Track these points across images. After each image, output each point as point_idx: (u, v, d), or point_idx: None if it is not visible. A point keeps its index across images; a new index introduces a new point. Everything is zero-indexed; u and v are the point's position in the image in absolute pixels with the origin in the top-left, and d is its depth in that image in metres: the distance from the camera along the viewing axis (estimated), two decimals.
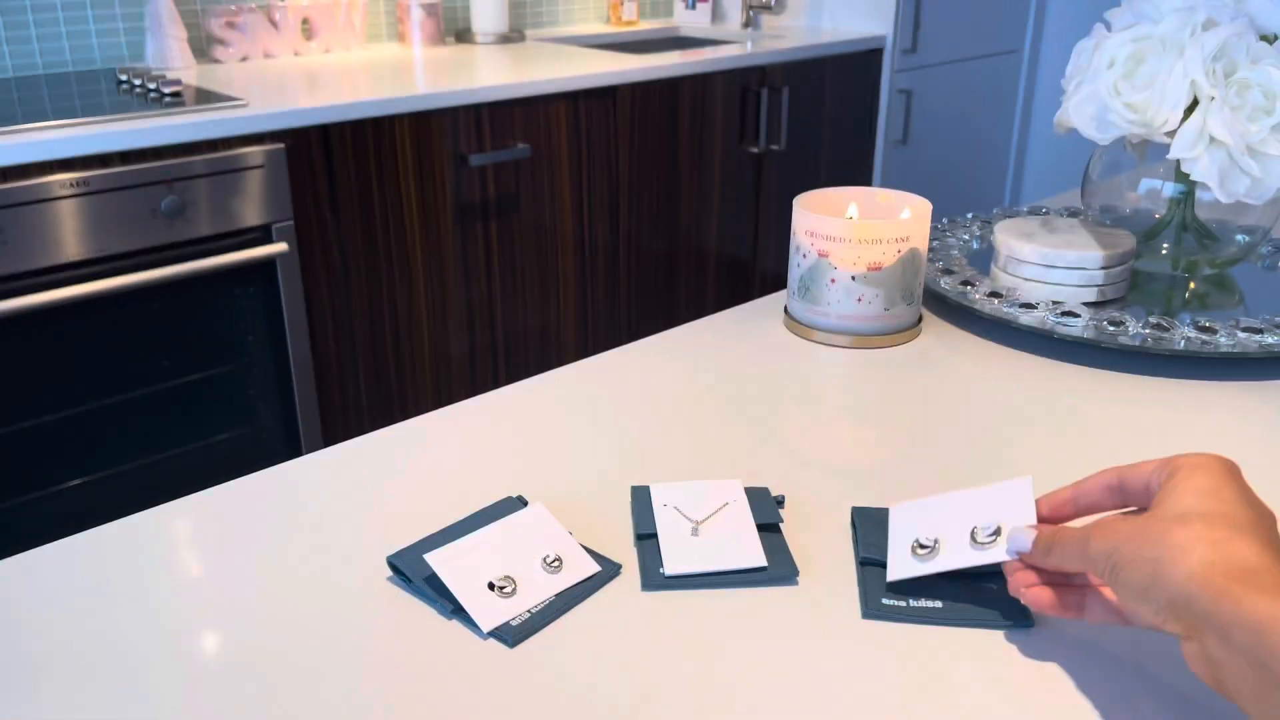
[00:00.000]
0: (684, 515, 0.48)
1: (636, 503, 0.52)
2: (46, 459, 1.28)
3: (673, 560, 0.46)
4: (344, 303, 1.48)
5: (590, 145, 1.70)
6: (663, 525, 0.48)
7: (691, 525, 0.48)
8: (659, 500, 0.50)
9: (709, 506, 0.49)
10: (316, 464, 0.57)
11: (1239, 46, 0.68)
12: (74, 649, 0.43)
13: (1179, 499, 0.36)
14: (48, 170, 1.19)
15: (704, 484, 0.51)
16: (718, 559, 0.46)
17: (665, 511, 0.49)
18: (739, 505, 0.49)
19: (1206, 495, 0.36)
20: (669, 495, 0.50)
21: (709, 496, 0.50)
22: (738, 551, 0.46)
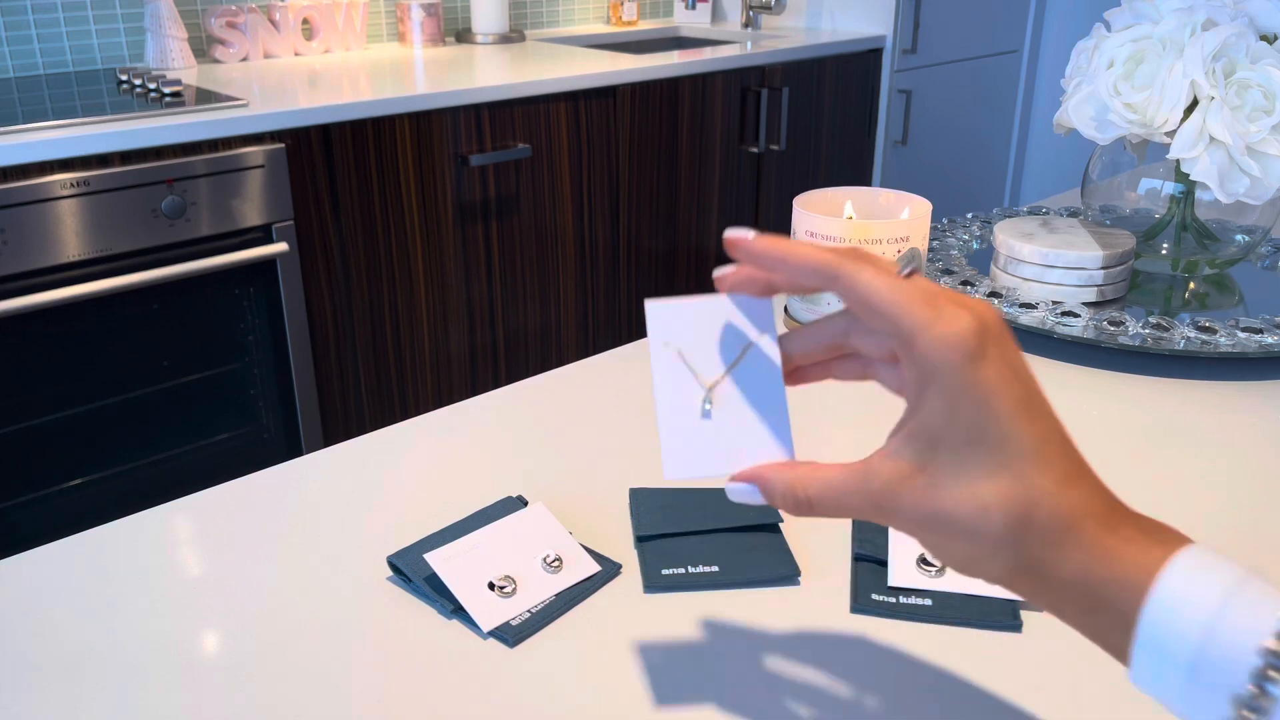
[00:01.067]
0: (692, 370, 0.35)
1: (635, 504, 0.52)
2: (46, 459, 1.28)
3: (675, 460, 0.34)
4: (344, 302, 1.48)
5: (590, 145, 1.70)
6: (664, 389, 0.34)
7: (702, 391, 0.35)
8: (659, 335, 0.35)
9: (729, 350, 0.35)
10: (317, 464, 0.57)
11: (1239, 46, 0.68)
12: (74, 649, 0.43)
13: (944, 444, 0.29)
14: (48, 170, 1.19)
15: (720, 303, 0.34)
16: (733, 455, 0.34)
17: (667, 360, 0.34)
18: (767, 347, 0.35)
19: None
20: (673, 326, 0.35)
21: (728, 330, 0.35)
22: (760, 440, 0.34)
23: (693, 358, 0.34)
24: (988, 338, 0.28)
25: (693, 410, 0.34)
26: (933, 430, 0.29)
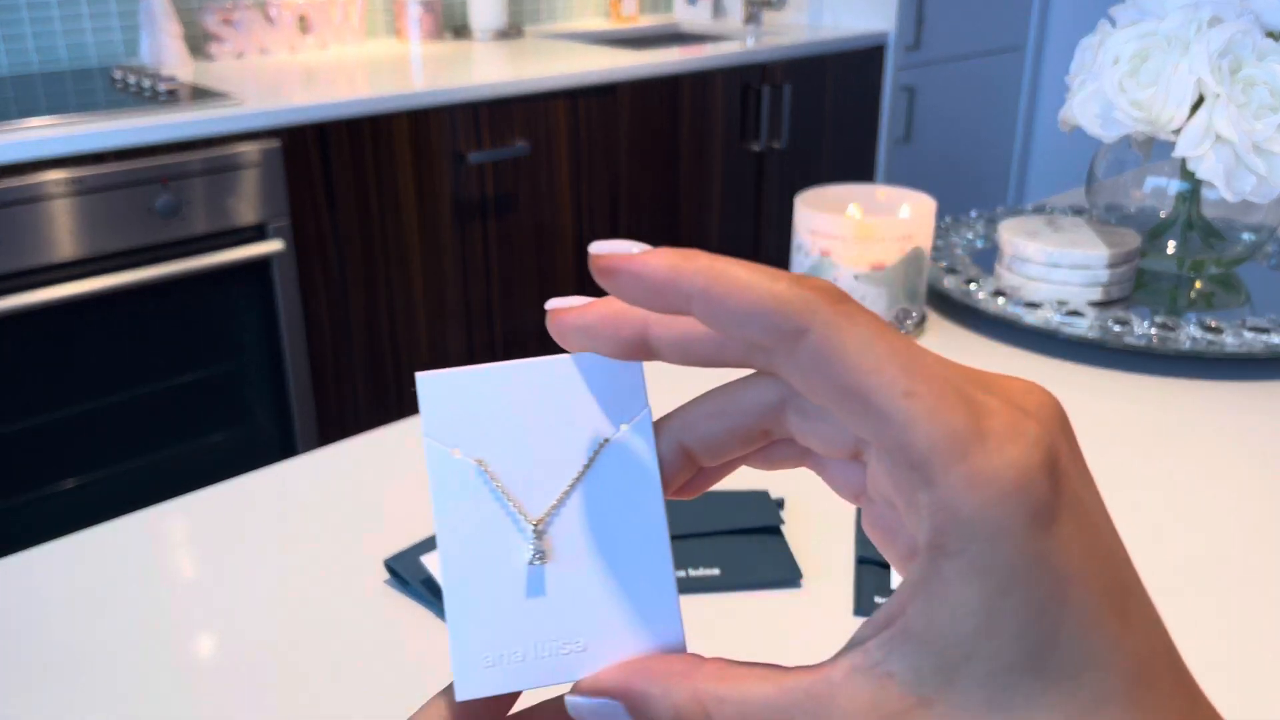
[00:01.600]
0: (505, 495, 0.20)
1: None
2: (39, 460, 1.27)
3: (475, 664, 0.20)
4: (341, 301, 1.47)
5: (590, 143, 1.69)
6: (453, 535, 0.20)
7: (524, 536, 0.20)
8: (442, 435, 0.20)
9: (566, 453, 0.20)
10: (313, 464, 0.57)
11: (1245, 43, 0.67)
12: (68, 649, 0.42)
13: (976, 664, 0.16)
14: (42, 168, 1.18)
15: (549, 370, 0.21)
16: (580, 646, 0.20)
17: (459, 480, 0.20)
18: (635, 443, 0.20)
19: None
20: (466, 416, 0.20)
21: (565, 417, 0.20)
22: (628, 617, 0.20)
23: (505, 472, 0.20)
24: (1060, 474, 0.16)
25: (506, 571, 0.20)
26: (952, 638, 0.16)
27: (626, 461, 0.20)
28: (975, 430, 0.16)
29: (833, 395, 0.16)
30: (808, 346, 0.16)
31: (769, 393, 0.19)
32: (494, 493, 0.20)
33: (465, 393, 0.20)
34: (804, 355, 0.16)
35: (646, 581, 0.20)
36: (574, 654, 0.20)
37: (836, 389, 0.16)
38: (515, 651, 0.20)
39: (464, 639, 0.19)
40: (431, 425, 0.20)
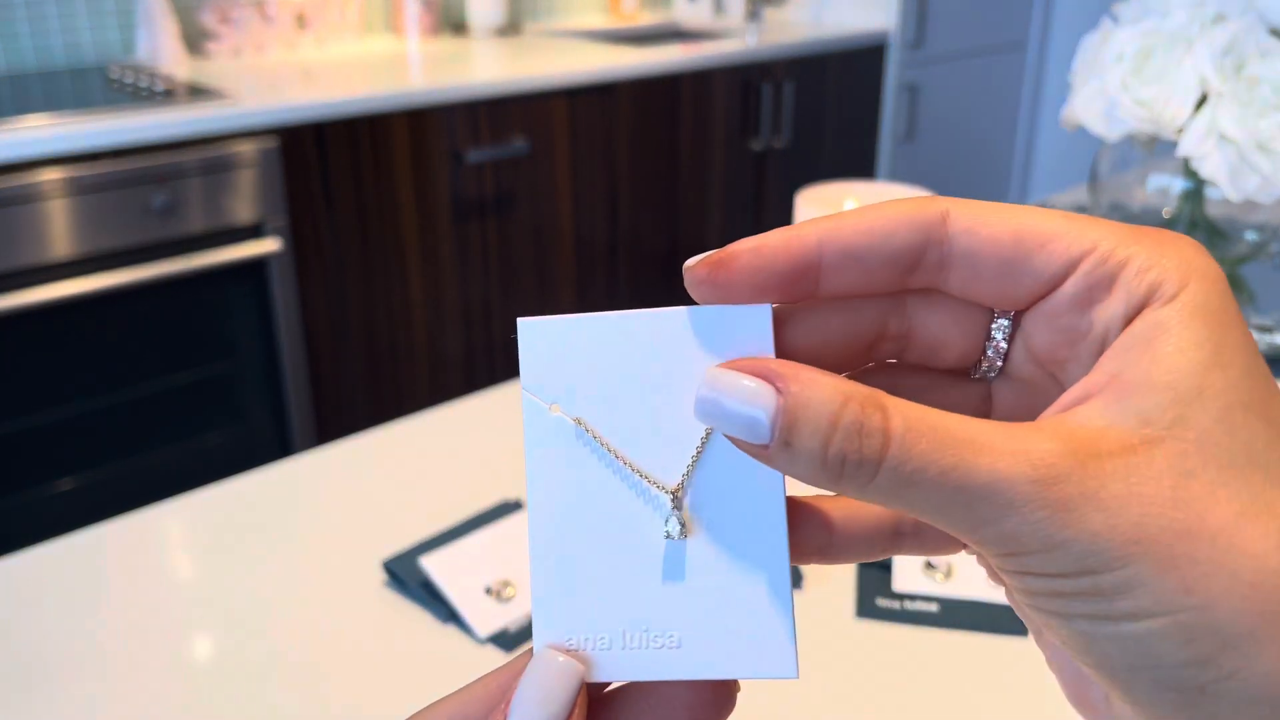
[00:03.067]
0: (621, 460, 0.18)
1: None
2: (35, 460, 1.26)
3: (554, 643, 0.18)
4: (338, 301, 1.46)
5: (590, 141, 1.68)
6: (557, 499, 0.18)
7: (656, 506, 0.18)
8: (542, 386, 0.19)
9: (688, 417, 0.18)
10: (310, 464, 0.56)
11: (1249, 41, 0.66)
12: (66, 649, 0.42)
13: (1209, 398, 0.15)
14: (38, 167, 1.17)
15: (664, 323, 0.18)
16: (697, 640, 0.18)
17: (561, 440, 0.18)
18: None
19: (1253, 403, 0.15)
20: (570, 367, 0.18)
21: (685, 374, 0.18)
22: (752, 606, 0.18)
23: (611, 434, 0.18)
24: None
25: (606, 543, 0.18)
26: (1183, 372, 0.15)
27: None
28: (1166, 236, 0.16)
29: (1005, 246, 0.16)
30: (956, 222, 0.16)
31: (880, 305, 0.18)
32: (603, 455, 0.17)
33: (570, 343, 0.18)
34: (959, 228, 0.16)
35: (763, 590, 0.17)
36: (666, 650, 0.17)
37: (1011, 237, 0.16)
38: (603, 637, 0.17)
39: (548, 617, 0.17)
40: (531, 377, 0.18)
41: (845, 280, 0.17)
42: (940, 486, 0.15)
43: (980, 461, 0.14)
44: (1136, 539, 0.14)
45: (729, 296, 0.17)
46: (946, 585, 0.45)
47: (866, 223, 0.17)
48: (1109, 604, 0.14)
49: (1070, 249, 0.16)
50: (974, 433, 0.15)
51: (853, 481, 0.15)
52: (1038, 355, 0.18)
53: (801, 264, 0.17)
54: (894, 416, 0.15)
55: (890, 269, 0.17)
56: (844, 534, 0.19)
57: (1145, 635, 0.14)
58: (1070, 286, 0.16)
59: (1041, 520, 0.14)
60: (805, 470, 0.15)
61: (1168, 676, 0.14)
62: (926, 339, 0.18)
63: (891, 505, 0.15)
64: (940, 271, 0.17)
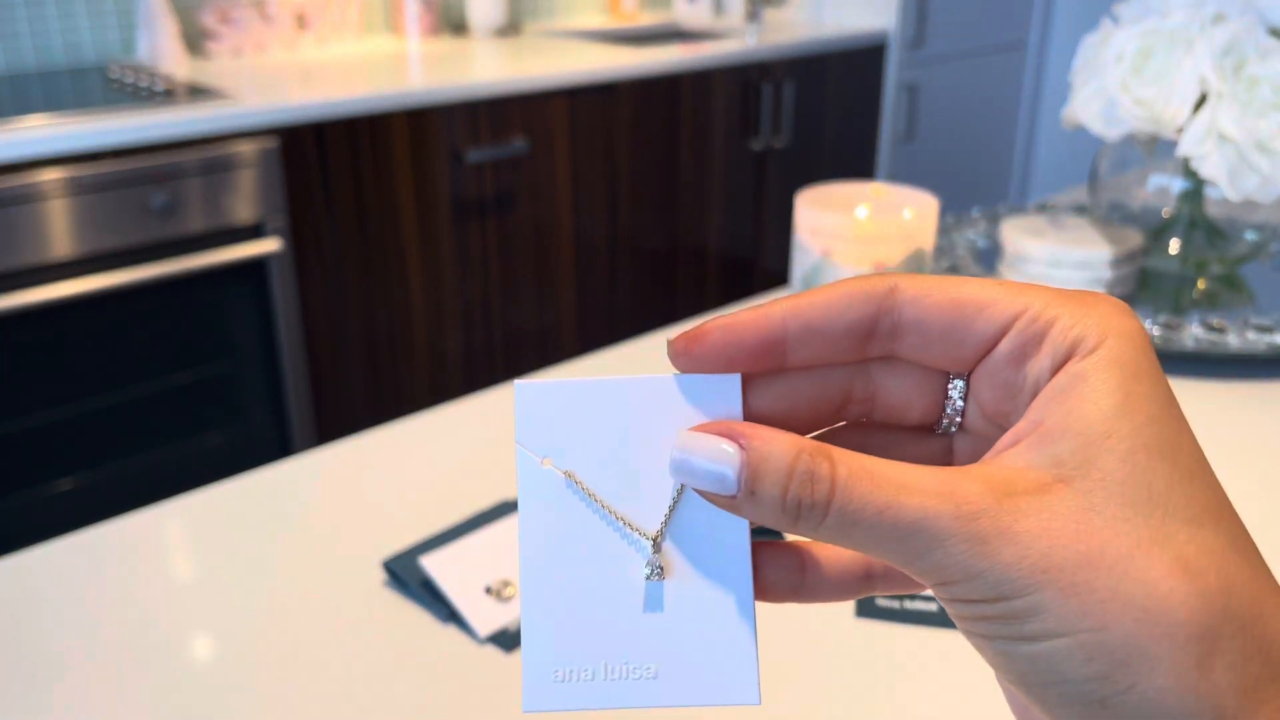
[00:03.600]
0: (607, 510, 0.20)
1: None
2: (35, 460, 1.26)
3: (555, 674, 0.20)
4: (338, 301, 1.46)
5: (590, 141, 1.68)
6: (547, 549, 0.20)
7: (638, 551, 0.20)
8: (536, 443, 0.20)
9: (663, 475, 0.20)
10: (310, 464, 0.56)
11: (1248, 42, 0.66)
12: (66, 649, 0.42)
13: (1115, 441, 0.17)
14: (38, 167, 1.17)
15: (648, 388, 0.20)
16: (668, 671, 0.20)
17: (552, 492, 0.20)
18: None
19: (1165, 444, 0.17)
20: (562, 427, 0.20)
21: (660, 436, 0.20)
22: (718, 643, 0.20)
23: (596, 486, 0.19)
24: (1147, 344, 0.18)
25: (590, 585, 0.19)
26: (1092, 418, 0.17)
27: None
28: (1091, 297, 0.18)
29: (947, 314, 0.19)
30: (903, 294, 0.19)
31: (845, 372, 0.20)
32: (589, 505, 0.20)
33: (561, 404, 0.20)
34: (905, 298, 0.19)
35: (730, 626, 0.20)
36: (644, 681, 0.19)
37: (951, 305, 0.19)
38: (587, 669, 0.19)
39: (538, 650, 0.19)
40: (525, 433, 0.20)
41: (809, 351, 0.19)
42: (878, 524, 0.17)
43: (910, 501, 0.17)
44: (1044, 569, 0.16)
45: (704, 367, 0.19)
46: None
47: (823, 299, 0.19)
48: (1020, 626, 0.16)
49: (1005, 311, 0.18)
50: (906, 477, 0.17)
51: (807, 522, 0.17)
52: (985, 410, 0.20)
53: (768, 339, 0.19)
54: (839, 465, 0.17)
55: (848, 339, 0.19)
56: (815, 576, 0.21)
57: (1051, 654, 0.16)
58: (1006, 345, 0.18)
59: (962, 552, 0.16)
60: (767, 514, 0.18)
61: (1073, 691, 0.16)
62: (890, 400, 0.20)
63: (841, 543, 0.17)
64: (893, 339, 0.19)
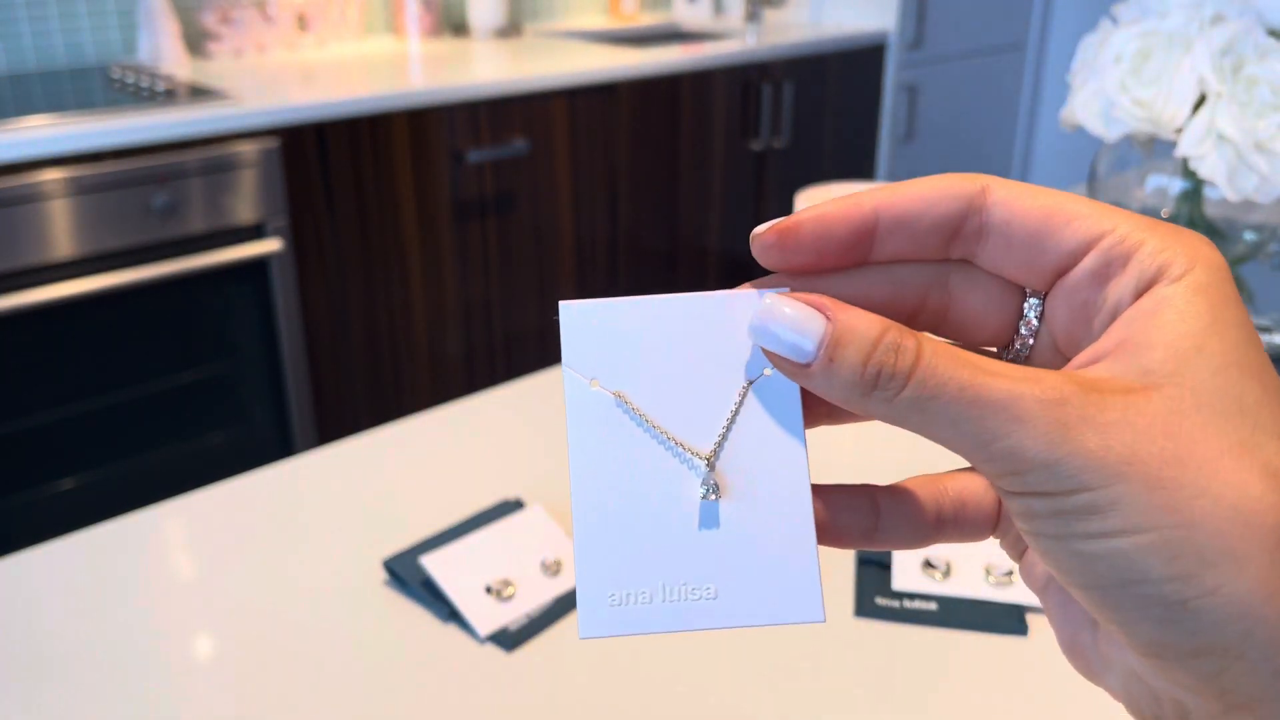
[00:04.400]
0: (657, 429, 0.19)
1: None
2: (36, 460, 1.27)
3: (615, 598, 0.19)
4: (339, 301, 1.47)
5: (590, 142, 1.68)
6: (600, 465, 0.19)
7: (692, 470, 0.19)
8: (583, 364, 0.20)
9: (718, 391, 0.19)
10: (310, 464, 0.56)
11: (1247, 42, 0.67)
12: (67, 649, 0.42)
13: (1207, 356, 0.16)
14: (39, 167, 1.17)
15: (699, 307, 0.20)
16: (724, 595, 0.19)
17: (601, 412, 0.19)
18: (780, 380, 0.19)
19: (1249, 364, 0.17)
20: (611, 347, 0.20)
21: (714, 353, 0.20)
22: (778, 564, 0.19)
23: (646, 407, 0.19)
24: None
25: (645, 505, 0.19)
26: (1183, 332, 0.16)
27: (772, 408, 0.19)
28: (1177, 228, 0.18)
29: (1035, 220, 0.18)
30: (994, 195, 0.18)
31: (927, 268, 0.19)
32: (641, 425, 0.19)
33: (607, 324, 0.19)
34: (995, 199, 0.18)
35: (791, 543, 0.19)
36: (704, 601, 0.19)
37: (1040, 213, 0.18)
38: (644, 592, 0.19)
39: (593, 575, 0.19)
40: (571, 355, 0.19)
41: (895, 245, 0.19)
42: (958, 400, 0.16)
43: (995, 382, 0.16)
44: (1128, 460, 0.15)
45: (794, 260, 0.19)
46: (945, 584, 0.45)
47: (915, 191, 0.19)
48: (1099, 521, 0.15)
49: (1092, 229, 0.18)
50: (991, 364, 0.17)
51: (883, 393, 0.17)
52: (1058, 334, 0.19)
53: (859, 230, 0.19)
54: (925, 342, 0.17)
55: (935, 235, 0.19)
56: (888, 520, 0.20)
57: (1132, 551, 0.15)
58: (1089, 262, 0.18)
59: (1043, 436, 0.16)
60: (841, 384, 0.17)
61: (1153, 591, 0.15)
62: (964, 314, 0.20)
63: (911, 422, 0.17)
64: (977, 241, 0.19)
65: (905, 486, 0.20)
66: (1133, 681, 0.18)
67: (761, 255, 0.19)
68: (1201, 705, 0.16)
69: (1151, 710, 0.17)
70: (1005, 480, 0.16)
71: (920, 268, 0.19)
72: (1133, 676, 0.18)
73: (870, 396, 0.17)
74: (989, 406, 0.16)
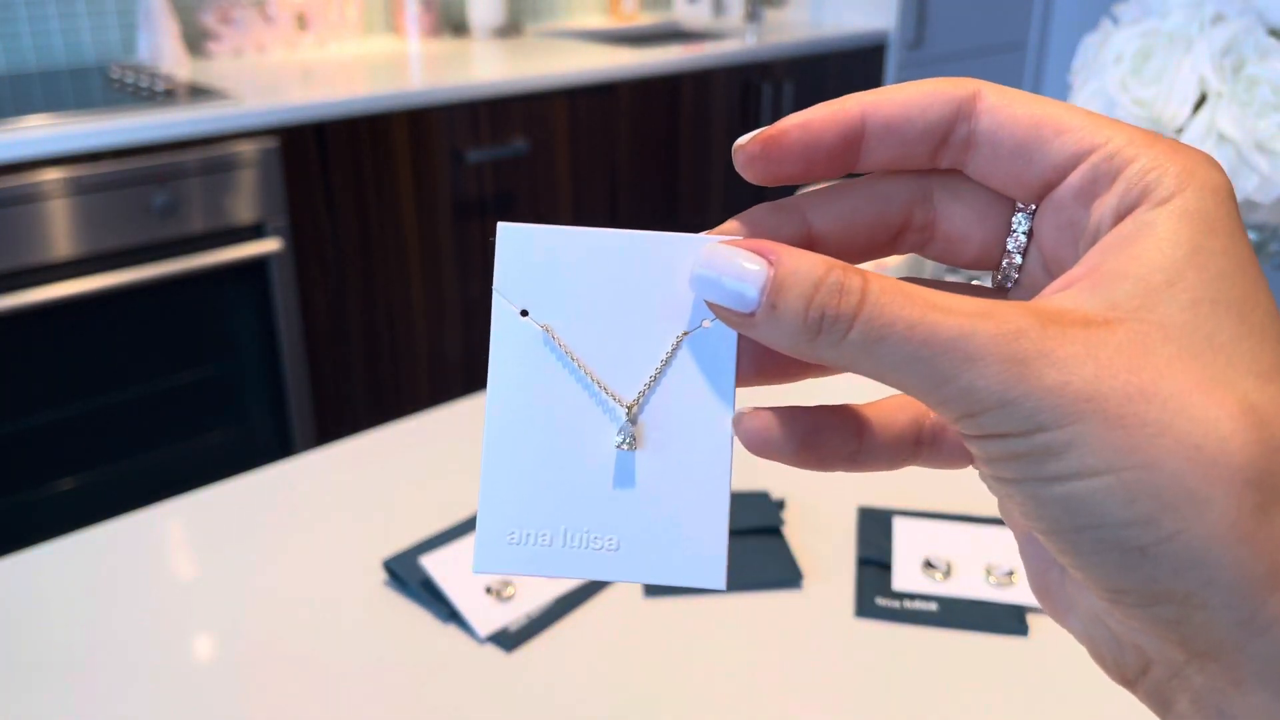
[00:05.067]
0: (583, 369, 0.19)
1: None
2: (35, 460, 1.27)
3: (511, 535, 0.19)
4: (339, 301, 1.46)
5: (590, 141, 1.68)
6: (516, 399, 0.19)
7: (610, 416, 0.19)
8: (516, 291, 0.19)
9: (651, 337, 0.19)
10: (311, 464, 0.56)
11: (1248, 42, 0.66)
12: (67, 649, 0.42)
13: (1179, 290, 0.15)
14: (38, 167, 1.17)
15: (642, 244, 0.19)
16: (629, 545, 0.19)
17: (527, 343, 0.19)
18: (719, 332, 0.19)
19: (1229, 291, 0.15)
20: (546, 276, 0.19)
21: (652, 293, 0.19)
22: (689, 522, 0.19)
23: (575, 344, 0.18)
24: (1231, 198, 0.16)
25: (556, 446, 0.18)
26: (1157, 264, 0.15)
27: (704, 362, 0.18)
28: (1179, 146, 0.16)
29: (1024, 129, 0.17)
30: (984, 101, 0.17)
31: (912, 182, 0.19)
32: (565, 363, 0.18)
33: (546, 252, 0.18)
34: (985, 106, 0.17)
35: (702, 505, 0.18)
36: (605, 552, 0.18)
37: (1030, 121, 0.17)
38: (544, 534, 0.18)
39: (494, 509, 0.18)
40: (504, 280, 0.18)
41: (883, 153, 0.18)
42: (907, 340, 0.15)
43: (944, 319, 0.15)
44: (1088, 397, 0.14)
45: (779, 171, 0.18)
46: (945, 585, 0.45)
47: (904, 96, 0.18)
48: (1056, 463, 0.15)
49: (1083, 141, 0.17)
50: (941, 298, 0.15)
51: (829, 337, 0.16)
52: (1045, 256, 0.18)
53: (847, 136, 0.18)
54: (871, 280, 0.16)
55: (924, 142, 0.18)
56: (870, 442, 0.19)
57: (1089, 494, 0.14)
58: (1076, 177, 0.17)
59: (997, 374, 0.15)
60: (786, 331, 0.16)
61: (1110, 536, 0.14)
62: (949, 230, 0.19)
63: (862, 366, 0.16)
64: (965, 150, 0.18)
65: (888, 405, 0.20)
66: (1095, 625, 0.17)
67: (746, 168, 0.18)
68: (1163, 651, 0.15)
69: (1113, 656, 0.17)
70: (962, 424, 0.16)
71: (906, 182, 0.19)
72: (1096, 620, 0.17)
73: (816, 341, 0.16)
74: (940, 345, 0.15)
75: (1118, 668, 0.17)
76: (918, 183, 0.19)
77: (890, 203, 0.19)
